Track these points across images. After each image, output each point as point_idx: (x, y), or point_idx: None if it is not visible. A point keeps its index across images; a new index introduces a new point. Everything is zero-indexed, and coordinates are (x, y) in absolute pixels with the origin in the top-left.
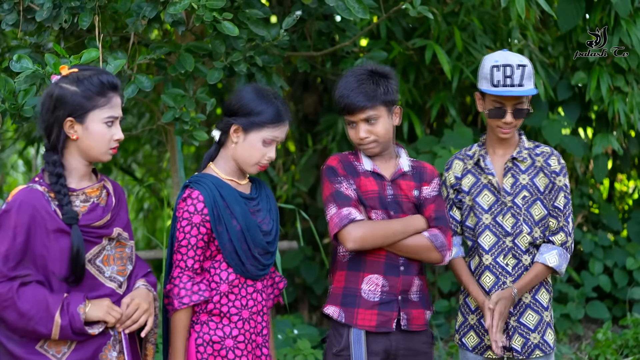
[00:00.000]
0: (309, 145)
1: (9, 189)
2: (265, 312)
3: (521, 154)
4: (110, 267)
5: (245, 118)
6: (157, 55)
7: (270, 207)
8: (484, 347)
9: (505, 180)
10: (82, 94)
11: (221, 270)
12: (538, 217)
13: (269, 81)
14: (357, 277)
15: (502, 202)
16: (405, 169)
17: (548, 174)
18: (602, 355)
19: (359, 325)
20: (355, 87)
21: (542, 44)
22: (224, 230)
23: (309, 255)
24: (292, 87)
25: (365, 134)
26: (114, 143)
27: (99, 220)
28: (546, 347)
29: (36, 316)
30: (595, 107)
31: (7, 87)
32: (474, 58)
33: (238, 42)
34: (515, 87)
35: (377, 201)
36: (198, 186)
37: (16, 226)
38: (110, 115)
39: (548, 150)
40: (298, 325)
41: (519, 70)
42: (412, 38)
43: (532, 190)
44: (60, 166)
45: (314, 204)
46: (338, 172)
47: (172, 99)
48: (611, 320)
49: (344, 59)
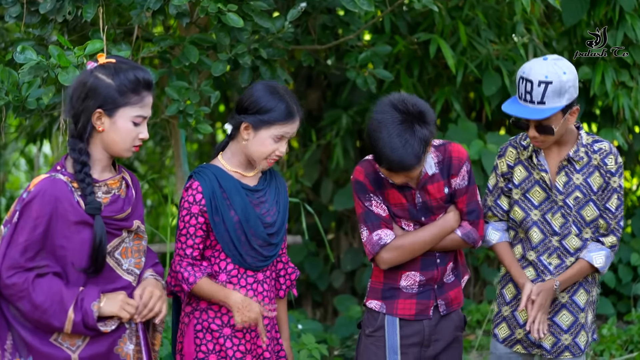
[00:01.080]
0: (312, 141)
1: (10, 187)
2: (266, 303)
3: (578, 152)
4: (128, 259)
5: (254, 116)
6: (161, 48)
7: (279, 199)
8: (514, 340)
9: (559, 178)
10: (117, 88)
11: (220, 260)
12: (590, 218)
13: (273, 74)
14: (395, 275)
15: (554, 200)
16: (431, 171)
17: (603, 174)
18: (607, 351)
19: (399, 315)
20: (400, 147)
21: (546, 38)
22: (221, 220)
23: (312, 251)
24: (296, 83)
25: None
26: (138, 141)
27: (120, 213)
28: (576, 350)
29: (50, 309)
30: (599, 102)
31: (11, 79)
32: (478, 52)
33: (242, 34)
34: (535, 104)
35: (406, 212)
36: (198, 177)
37: (37, 217)
38: (140, 114)
39: (606, 147)
40: (302, 320)
41: (540, 88)
42: (416, 32)
43: (585, 191)
44: (85, 154)
45: (318, 200)
46: (367, 187)
47: (177, 92)
48: (616, 316)
49: (348, 52)
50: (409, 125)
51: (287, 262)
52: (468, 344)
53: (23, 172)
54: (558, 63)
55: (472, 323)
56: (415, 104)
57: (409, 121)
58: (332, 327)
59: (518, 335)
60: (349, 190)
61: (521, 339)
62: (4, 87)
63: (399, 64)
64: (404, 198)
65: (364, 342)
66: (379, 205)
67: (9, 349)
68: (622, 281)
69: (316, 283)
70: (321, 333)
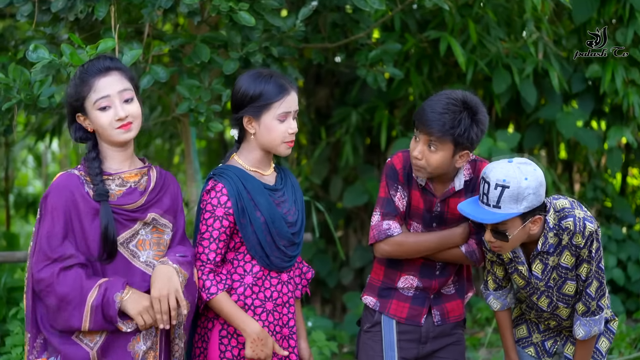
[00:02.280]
0: (321, 138)
1: (19, 184)
2: (291, 304)
3: (547, 240)
4: (146, 251)
5: (250, 106)
6: (172, 46)
7: (296, 197)
8: (529, 342)
9: (535, 267)
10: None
11: (245, 262)
12: (572, 292)
13: (283, 72)
14: (394, 275)
15: (534, 286)
16: (458, 187)
17: (573, 251)
18: (616, 349)
19: (390, 315)
20: (438, 111)
21: (556, 36)
22: (248, 222)
23: (322, 248)
24: (305, 81)
25: (419, 154)
26: (117, 123)
27: (132, 203)
28: (597, 355)
29: (72, 300)
30: (609, 100)
31: (23, 77)
32: (488, 50)
33: (254, 32)
34: (491, 207)
35: (420, 217)
36: (221, 178)
37: (53, 209)
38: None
39: (571, 226)
40: (312, 317)
41: (497, 191)
42: (426, 30)
43: (560, 272)
44: (93, 150)
45: (327, 197)
46: (398, 177)
47: (188, 90)
48: (625, 314)
49: (358, 51)
50: (460, 108)
51: (301, 262)
52: (477, 342)
53: (31, 168)
54: (522, 167)
55: (481, 320)
56: (474, 100)
57: (461, 106)
58: (341, 323)
59: (534, 339)
60: (358, 188)
61: (536, 343)
62: (15, 86)
63: (409, 61)
64: (423, 203)
65: (363, 338)
66: (401, 199)
67: (37, 347)
68: (631, 279)
69: (325, 280)
70: (330, 330)
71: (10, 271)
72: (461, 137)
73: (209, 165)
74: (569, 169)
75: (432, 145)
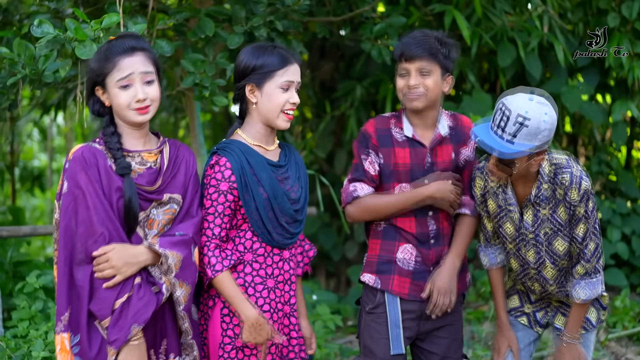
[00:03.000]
0: (326, 112)
1: (25, 157)
2: (293, 281)
3: (540, 191)
4: (153, 230)
5: (253, 74)
6: (177, 20)
7: (300, 174)
8: (521, 312)
9: (526, 216)
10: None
11: (246, 240)
12: (562, 251)
13: (288, 46)
14: (392, 246)
15: (523, 235)
16: (444, 132)
17: (568, 207)
18: (620, 323)
19: (394, 292)
20: (420, 39)
21: (561, 9)
22: (251, 198)
23: (326, 221)
24: (309, 54)
25: (416, 82)
26: (135, 104)
27: (150, 186)
28: (588, 325)
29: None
30: (614, 74)
31: (28, 52)
32: (493, 24)
33: (258, 6)
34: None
35: (407, 174)
36: (225, 153)
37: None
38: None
39: (567, 178)
40: (316, 290)
41: (515, 125)
42: (431, 4)
43: (552, 226)
44: (110, 125)
45: (332, 171)
46: (370, 142)
47: (192, 64)
48: (629, 288)
49: (363, 24)
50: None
51: (303, 239)
52: (481, 315)
53: (36, 142)
54: (542, 106)
55: (485, 294)
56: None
57: (437, 38)
58: (346, 297)
59: (526, 309)
60: None
61: (528, 313)
62: (20, 61)
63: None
64: (410, 158)
65: (365, 320)
66: (372, 163)
67: (64, 321)
68: (636, 253)
69: (330, 254)
70: (335, 304)
71: (16, 245)
72: (447, 58)
73: (214, 139)
74: (574, 142)
75: (423, 71)
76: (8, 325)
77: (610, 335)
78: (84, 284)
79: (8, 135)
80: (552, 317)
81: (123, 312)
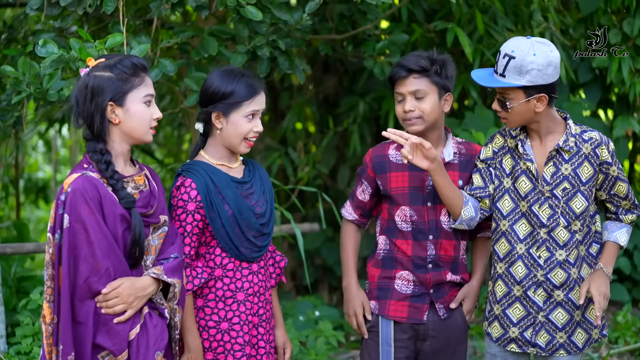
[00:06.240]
0: (329, 127)
1: (29, 170)
2: (262, 293)
3: (567, 142)
4: (151, 256)
5: (221, 102)
6: (180, 40)
7: (264, 188)
8: (508, 340)
9: (546, 168)
10: (118, 77)
11: (215, 255)
12: (579, 210)
13: (291, 64)
14: (390, 274)
15: (540, 191)
16: (448, 158)
17: (594, 164)
18: (622, 338)
19: (390, 316)
20: (412, 58)
21: (563, 26)
22: (217, 215)
23: (329, 236)
24: (313, 69)
25: (411, 107)
26: (154, 122)
27: (149, 209)
28: (572, 348)
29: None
30: (616, 90)
31: (32, 71)
32: (495, 40)
33: (261, 26)
34: (498, 75)
35: (406, 198)
36: (190, 174)
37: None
38: (147, 93)
39: (597, 137)
40: (319, 306)
41: (504, 60)
42: (433, 20)
43: (573, 182)
44: (107, 153)
45: (335, 186)
46: (365, 172)
47: (196, 83)
48: (631, 303)
49: (365, 41)
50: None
51: (274, 251)
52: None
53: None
54: (536, 45)
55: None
56: (441, 55)
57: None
58: None
59: (512, 334)
60: None
61: (515, 338)
62: (25, 79)
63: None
64: (409, 181)
65: (365, 338)
66: (364, 192)
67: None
68: (638, 267)
69: (333, 268)
70: (337, 319)
71: (20, 261)
72: (441, 77)
73: None
74: None
75: (418, 95)
76: (11, 341)
77: (612, 351)
78: (87, 321)
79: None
80: (535, 334)
81: (141, 342)
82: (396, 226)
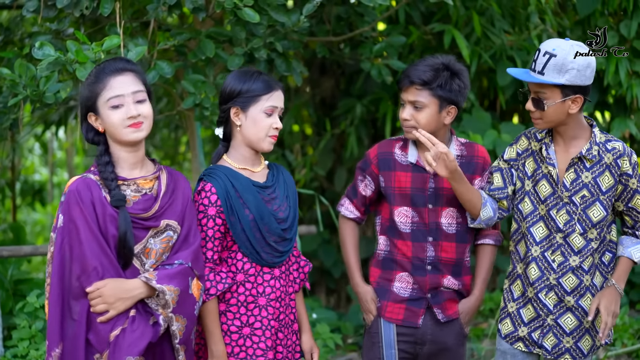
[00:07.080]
0: (326, 129)
1: (26, 173)
2: (283, 298)
3: (591, 150)
4: (150, 260)
5: (238, 98)
6: (177, 42)
7: (288, 193)
8: (516, 337)
9: (567, 174)
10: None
11: (237, 260)
12: (596, 219)
13: (288, 67)
14: (389, 275)
15: (559, 196)
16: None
17: (615, 174)
18: (619, 340)
19: (386, 318)
20: (418, 68)
21: (560, 28)
22: (237, 220)
23: (326, 238)
24: (310, 71)
25: (407, 116)
26: (128, 121)
27: (146, 212)
28: (577, 353)
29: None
30: (613, 92)
31: (29, 73)
32: (492, 42)
33: (258, 28)
34: (536, 73)
35: (407, 198)
36: (210, 178)
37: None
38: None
39: (620, 147)
40: (316, 309)
41: (544, 58)
42: (430, 23)
43: (593, 190)
44: (105, 155)
45: (332, 188)
46: (369, 167)
47: (193, 85)
48: (628, 305)
49: (363, 43)
50: (439, 67)
51: (298, 256)
52: (481, 333)
53: (37, 156)
54: (576, 46)
55: (485, 312)
56: (456, 65)
57: (441, 66)
58: (346, 314)
59: (521, 333)
60: None
61: (523, 337)
62: (21, 82)
63: (413, 54)
64: (412, 182)
65: (366, 336)
66: (367, 187)
67: (55, 357)
68: (635, 269)
69: (330, 270)
70: (335, 322)
71: (17, 264)
72: (442, 89)
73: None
74: None
75: (417, 105)
76: (8, 344)
77: (610, 353)
78: (80, 318)
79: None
80: (543, 336)
81: (117, 345)
82: (396, 226)
